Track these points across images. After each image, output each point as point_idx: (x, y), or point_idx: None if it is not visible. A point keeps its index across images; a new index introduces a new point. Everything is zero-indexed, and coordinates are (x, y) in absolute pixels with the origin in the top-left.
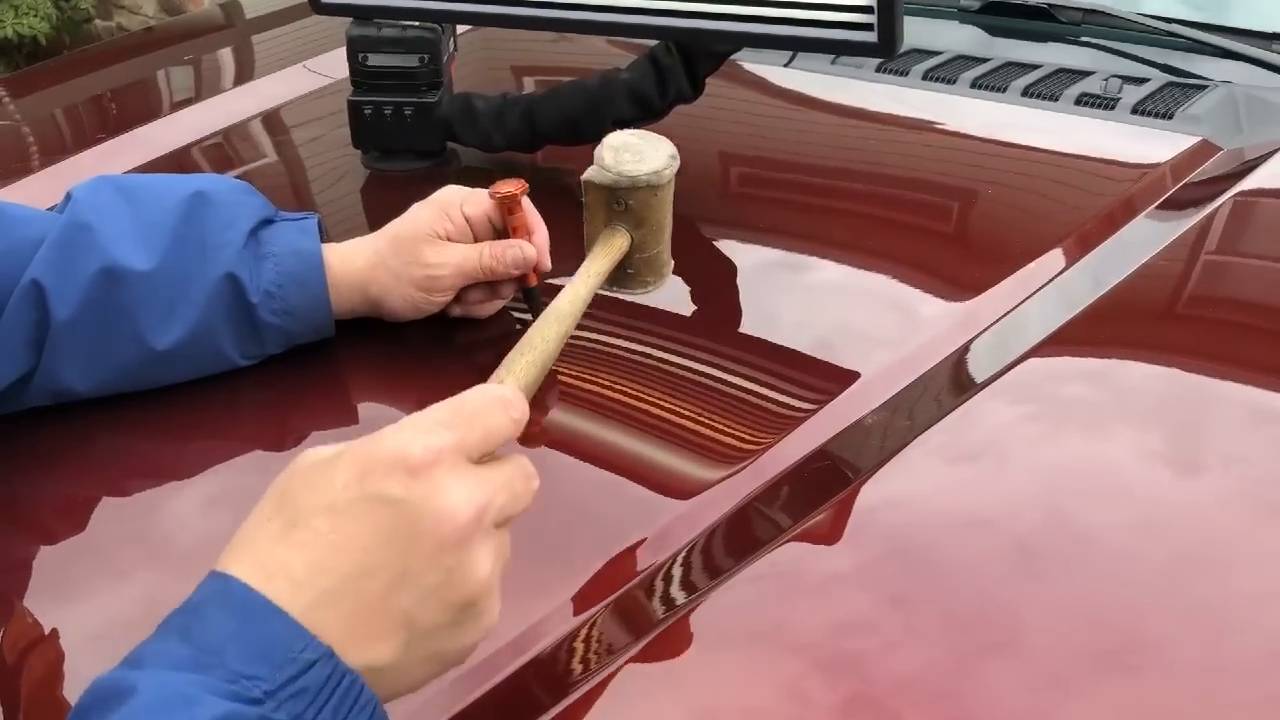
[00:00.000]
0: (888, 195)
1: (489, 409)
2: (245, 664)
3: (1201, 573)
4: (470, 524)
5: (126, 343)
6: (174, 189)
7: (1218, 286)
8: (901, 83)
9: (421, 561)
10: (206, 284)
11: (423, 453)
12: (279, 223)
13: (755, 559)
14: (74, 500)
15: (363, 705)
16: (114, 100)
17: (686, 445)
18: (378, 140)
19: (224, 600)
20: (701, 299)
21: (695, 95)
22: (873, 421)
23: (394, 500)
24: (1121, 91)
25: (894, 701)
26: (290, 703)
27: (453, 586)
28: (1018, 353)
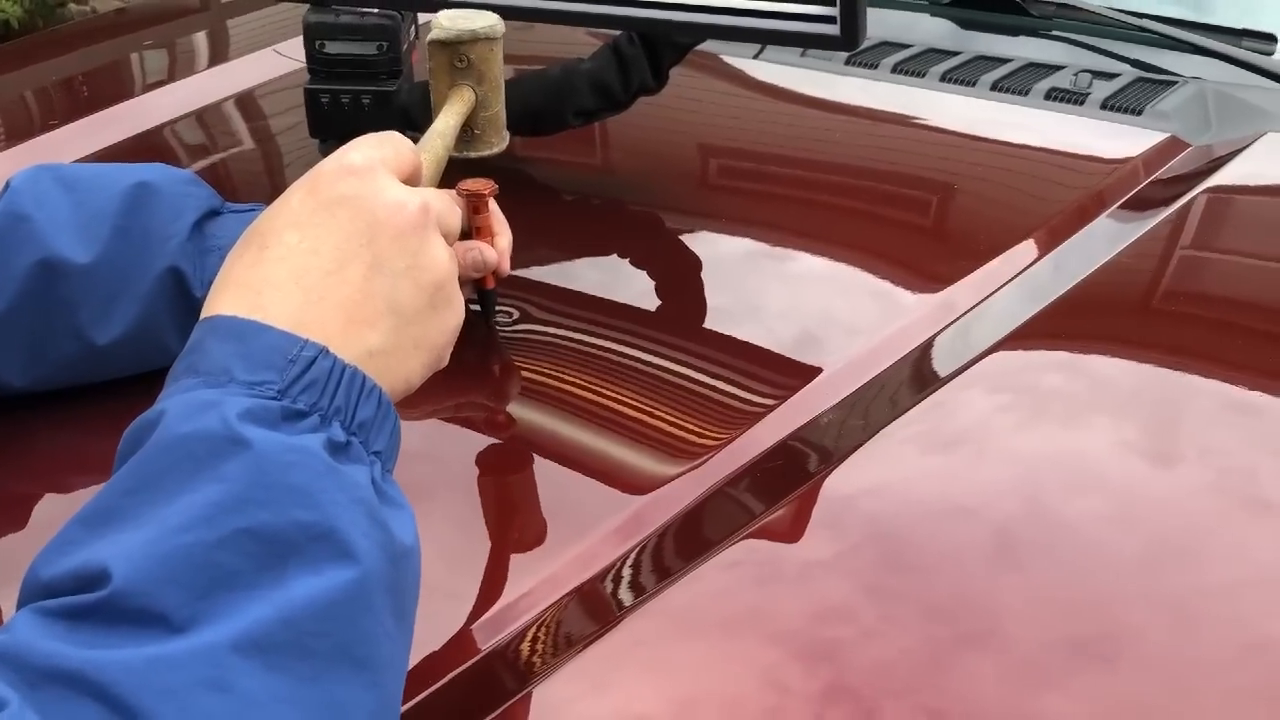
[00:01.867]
0: (855, 188)
1: (391, 137)
2: (254, 373)
3: (1176, 563)
4: (419, 213)
5: (66, 337)
6: (116, 179)
7: (1184, 282)
8: (871, 75)
9: (387, 246)
10: (149, 277)
11: (363, 159)
12: (225, 214)
13: (716, 552)
14: (15, 497)
15: (369, 392)
16: (71, 84)
17: (648, 439)
18: (335, 129)
19: (217, 332)
20: (665, 292)
21: (659, 86)
22: (831, 417)
23: (348, 197)
24: (1091, 86)
25: (865, 690)
26: (303, 396)
27: (421, 269)
28: (984, 346)
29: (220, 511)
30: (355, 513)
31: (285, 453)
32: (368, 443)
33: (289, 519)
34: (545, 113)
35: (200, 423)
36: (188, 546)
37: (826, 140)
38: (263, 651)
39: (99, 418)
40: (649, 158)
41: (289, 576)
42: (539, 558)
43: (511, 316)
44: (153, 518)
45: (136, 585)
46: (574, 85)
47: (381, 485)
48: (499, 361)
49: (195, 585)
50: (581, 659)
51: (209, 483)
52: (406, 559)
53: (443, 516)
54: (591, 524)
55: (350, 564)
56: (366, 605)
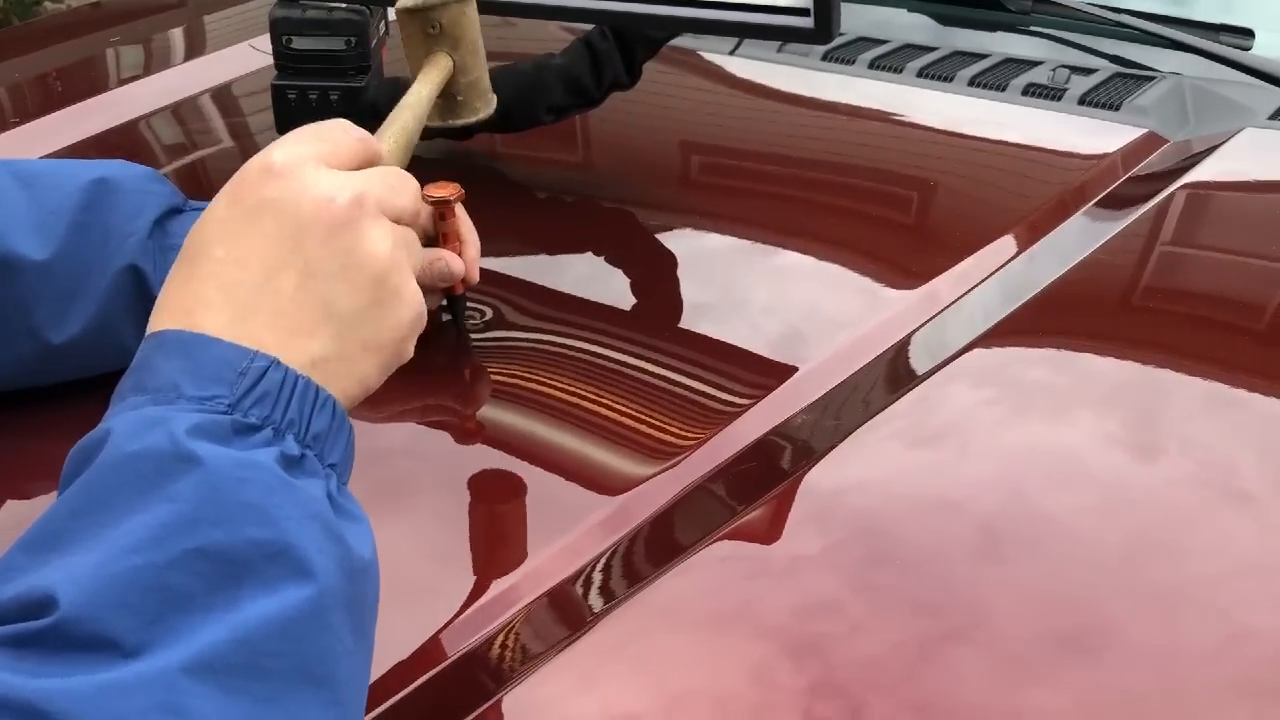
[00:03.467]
0: (832, 185)
1: (328, 126)
2: (203, 388)
3: (1159, 556)
4: (350, 206)
5: (20, 336)
6: (75, 175)
7: (1163, 278)
8: (848, 71)
9: (318, 248)
10: (107, 275)
11: (282, 158)
12: (188, 212)
13: (694, 550)
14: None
15: (322, 403)
16: (44, 79)
17: (625, 439)
18: (302, 125)
19: (163, 349)
20: (641, 290)
21: (632, 82)
22: (808, 415)
23: (271, 201)
24: (1069, 82)
25: (851, 685)
26: (255, 409)
27: (357, 266)
28: (963, 342)
29: (170, 532)
30: (311, 528)
31: (237, 469)
32: (323, 455)
33: (242, 537)
34: (516, 109)
35: (148, 440)
36: (137, 569)
37: (803, 137)
38: (217, 674)
39: (56, 421)
40: (624, 155)
41: (243, 596)
42: (516, 556)
43: (484, 316)
44: (100, 540)
45: (85, 610)
46: (546, 81)
47: (337, 498)
48: (472, 363)
49: (146, 608)
50: (564, 656)
51: (158, 502)
52: (364, 573)
53: (419, 517)
54: (569, 522)
55: (306, 581)
56: (324, 623)
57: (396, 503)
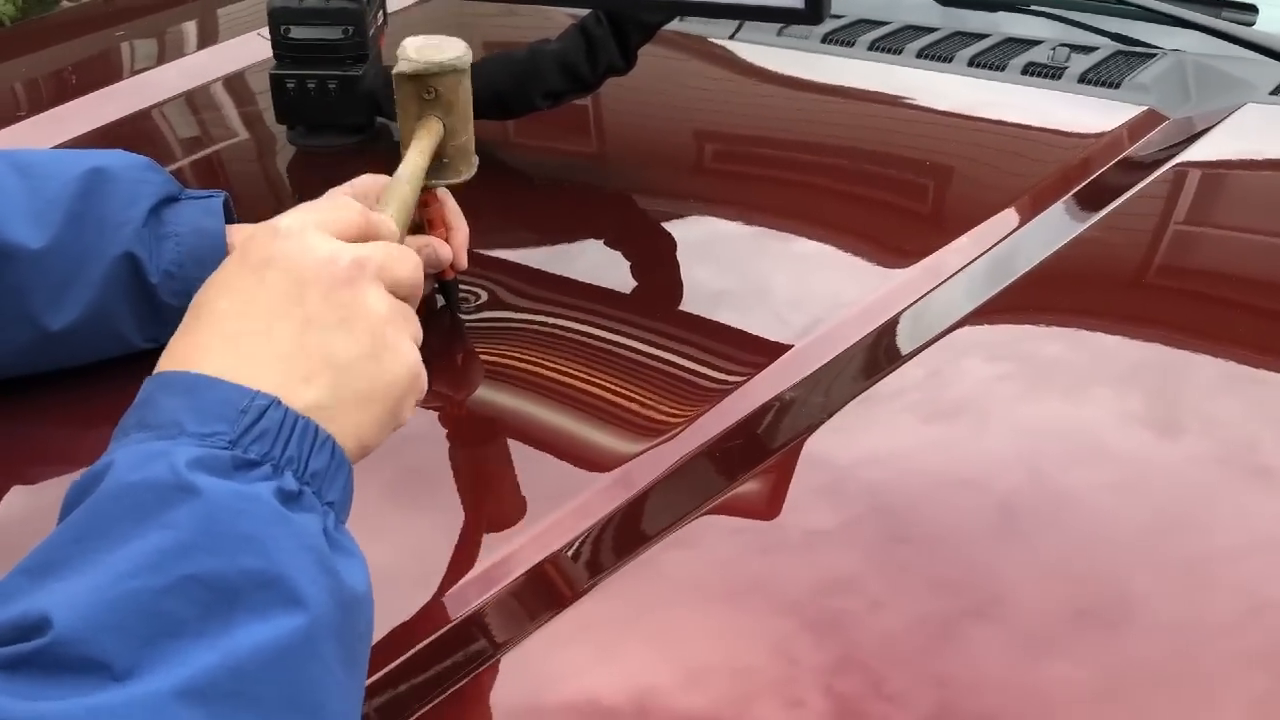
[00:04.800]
0: (831, 166)
1: (333, 198)
2: (204, 425)
3: (1178, 530)
4: (351, 267)
5: (17, 323)
6: (71, 164)
7: (1161, 254)
8: (848, 53)
9: (318, 304)
10: (103, 263)
11: (287, 223)
12: (183, 201)
13: (685, 522)
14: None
15: (322, 443)
16: (59, 73)
17: (616, 416)
18: (302, 115)
19: (166, 387)
20: (636, 270)
21: (628, 67)
22: (800, 392)
23: (274, 259)
24: (1069, 60)
25: (866, 659)
26: (255, 445)
27: (355, 320)
28: (954, 318)
29: (167, 558)
30: (304, 559)
31: (235, 500)
32: (321, 493)
33: (236, 566)
34: (512, 95)
35: (149, 471)
36: (132, 593)
37: (803, 119)
38: (207, 700)
39: (54, 407)
40: (622, 139)
41: (235, 624)
42: (512, 527)
43: (478, 298)
44: (97, 565)
45: (78, 632)
46: (541, 67)
47: (334, 534)
48: (467, 345)
49: (139, 632)
50: (560, 621)
51: (156, 529)
52: (358, 607)
53: (418, 492)
54: (563, 496)
55: (298, 611)
56: (315, 653)
57: (396, 477)
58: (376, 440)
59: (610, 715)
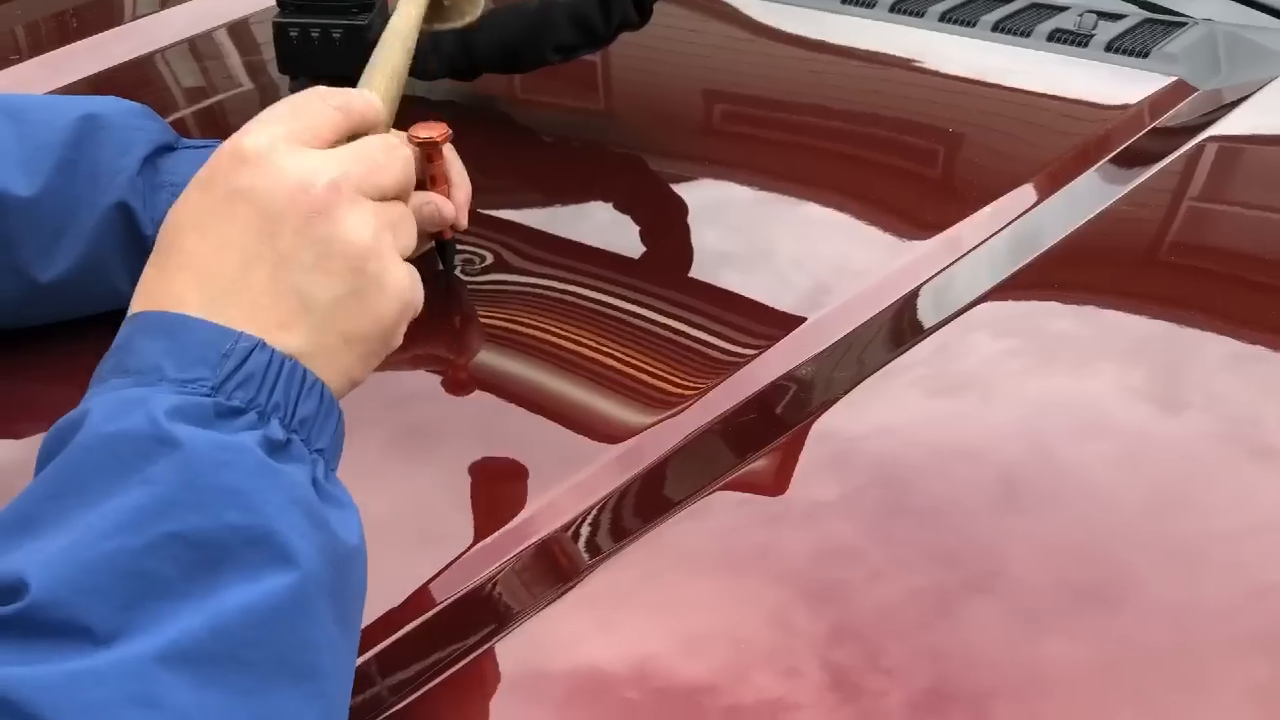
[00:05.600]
0: (848, 132)
1: (304, 100)
2: (185, 370)
3: (1180, 509)
4: (326, 193)
5: (7, 273)
6: (64, 110)
7: (1186, 231)
8: (868, 15)
9: (292, 239)
10: (95, 213)
11: (253, 144)
12: (180, 150)
13: (698, 496)
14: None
15: (310, 387)
16: (61, 17)
17: (626, 386)
18: (305, 65)
19: (146, 330)
20: (648, 236)
21: (642, 22)
22: (815, 366)
23: (242, 191)
24: (1096, 28)
25: (866, 630)
26: (239, 392)
27: (333, 255)
28: (975, 294)
29: (147, 516)
30: (293, 514)
31: (217, 451)
32: (309, 440)
33: (221, 522)
34: (522, 49)
35: (126, 422)
36: (112, 553)
37: (820, 82)
38: (193, 664)
39: (45, 363)
40: (632, 97)
41: (222, 583)
42: (518, 499)
43: (482, 260)
44: (74, 523)
45: (56, 595)
46: (553, 20)
47: (324, 484)
48: (468, 309)
49: (120, 594)
50: (569, 597)
51: (135, 485)
52: (350, 561)
53: (418, 462)
54: (572, 467)
55: (288, 568)
56: (306, 611)
57: (395, 448)
58: (365, 374)
59: (618, 690)
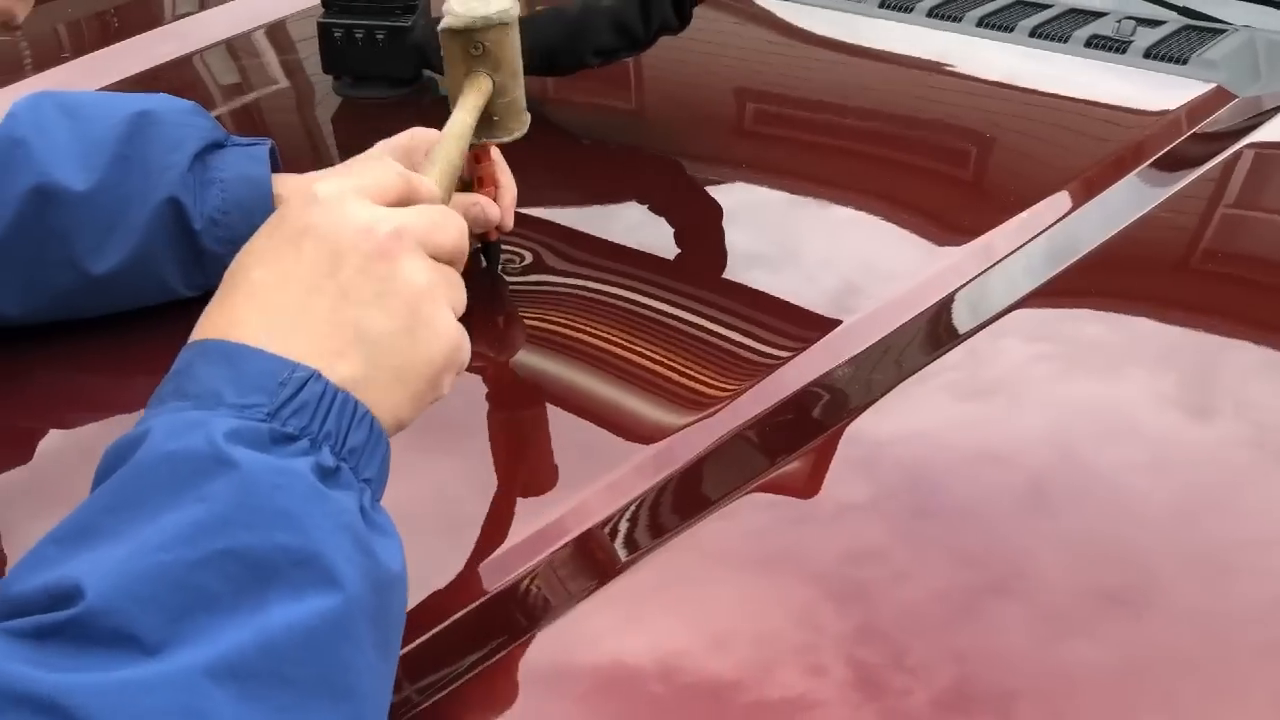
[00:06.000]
0: (884, 136)
1: (373, 160)
2: (243, 396)
3: (1209, 514)
4: (389, 239)
5: (60, 266)
6: (118, 107)
7: (1224, 240)
8: (904, 19)
9: (354, 276)
10: (147, 208)
11: (323, 190)
12: (229, 147)
13: (732, 497)
14: (13, 431)
15: (360, 418)
16: (102, 16)
17: (663, 386)
18: (348, 65)
19: (206, 356)
20: (684, 238)
21: (681, 26)
22: (850, 369)
23: (311, 228)
24: (1134, 34)
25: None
26: (293, 419)
27: (392, 294)
28: (1010, 300)
29: (202, 531)
30: (341, 539)
31: (272, 475)
32: (358, 469)
33: (272, 542)
34: (562, 52)
35: (186, 441)
36: (166, 565)
37: (856, 86)
38: (239, 679)
39: (95, 352)
40: (670, 100)
41: (269, 601)
42: (555, 497)
43: (522, 259)
44: (131, 535)
45: (110, 603)
46: (593, 23)
47: (370, 512)
48: (509, 308)
49: (171, 606)
50: (602, 594)
51: (192, 502)
52: (392, 588)
53: (457, 459)
54: (608, 465)
55: (333, 591)
56: (348, 634)
57: (434, 444)
58: (412, 415)
59: (651, 686)
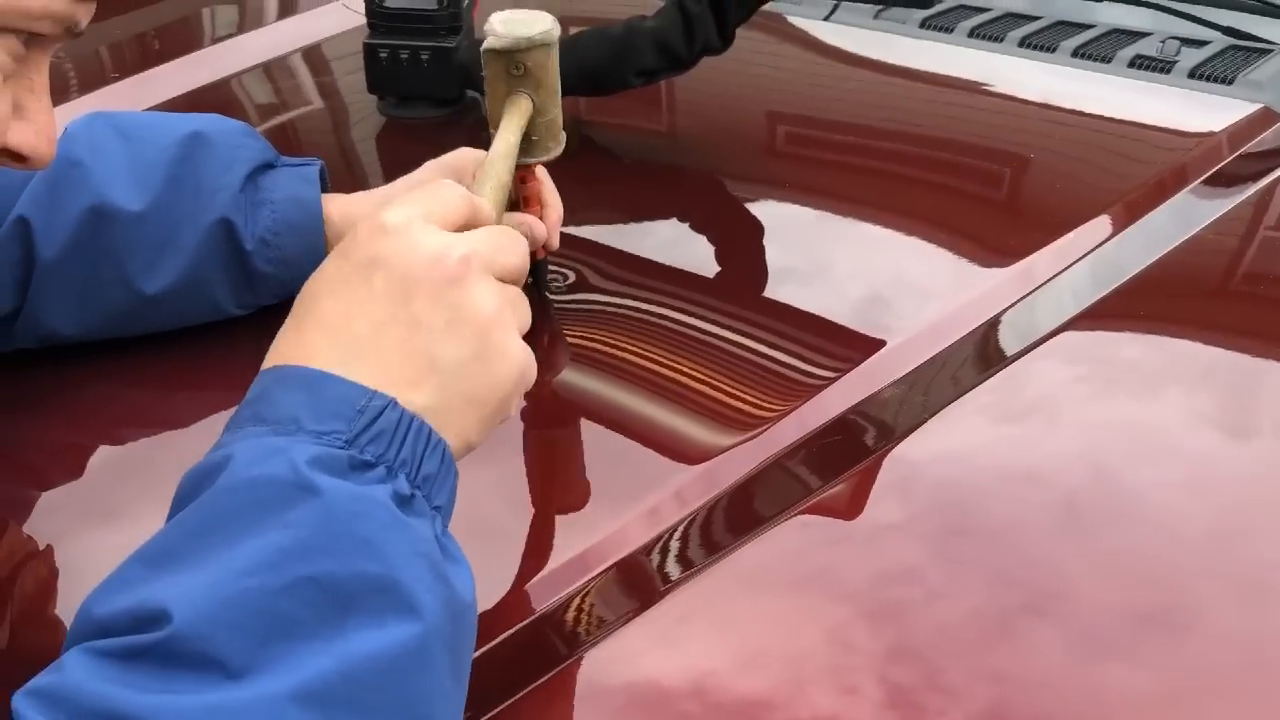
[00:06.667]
0: (926, 157)
1: (437, 186)
2: (321, 423)
3: (1249, 536)
4: (458, 265)
5: (114, 286)
6: (171, 128)
7: (1272, 261)
8: (946, 40)
9: (425, 304)
10: (199, 228)
11: (392, 219)
12: (280, 168)
13: (779, 520)
14: (63, 445)
15: (434, 446)
16: (142, 38)
17: (706, 408)
18: (393, 86)
19: (283, 382)
20: (727, 258)
21: (724, 47)
22: (895, 391)
23: (381, 258)
24: (1179, 54)
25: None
26: (371, 446)
27: (462, 321)
28: (1056, 323)
29: (285, 558)
30: (419, 567)
31: (353, 502)
32: (430, 497)
33: (354, 570)
34: (606, 72)
35: (269, 468)
36: (251, 591)
37: (899, 106)
38: (322, 705)
39: (146, 370)
40: (713, 121)
41: (350, 628)
42: (597, 520)
43: (567, 280)
44: (216, 560)
45: (196, 628)
46: (636, 44)
47: (442, 540)
48: (554, 326)
49: (256, 631)
50: (645, 617)
51: (275, 528)
52: (464, 616)
53: (501, 479)
54: (651, 488)
55: (413, 619)
56: (427, 662)
57: (479, 465)
58: (481, 438)
59: (694, 710)
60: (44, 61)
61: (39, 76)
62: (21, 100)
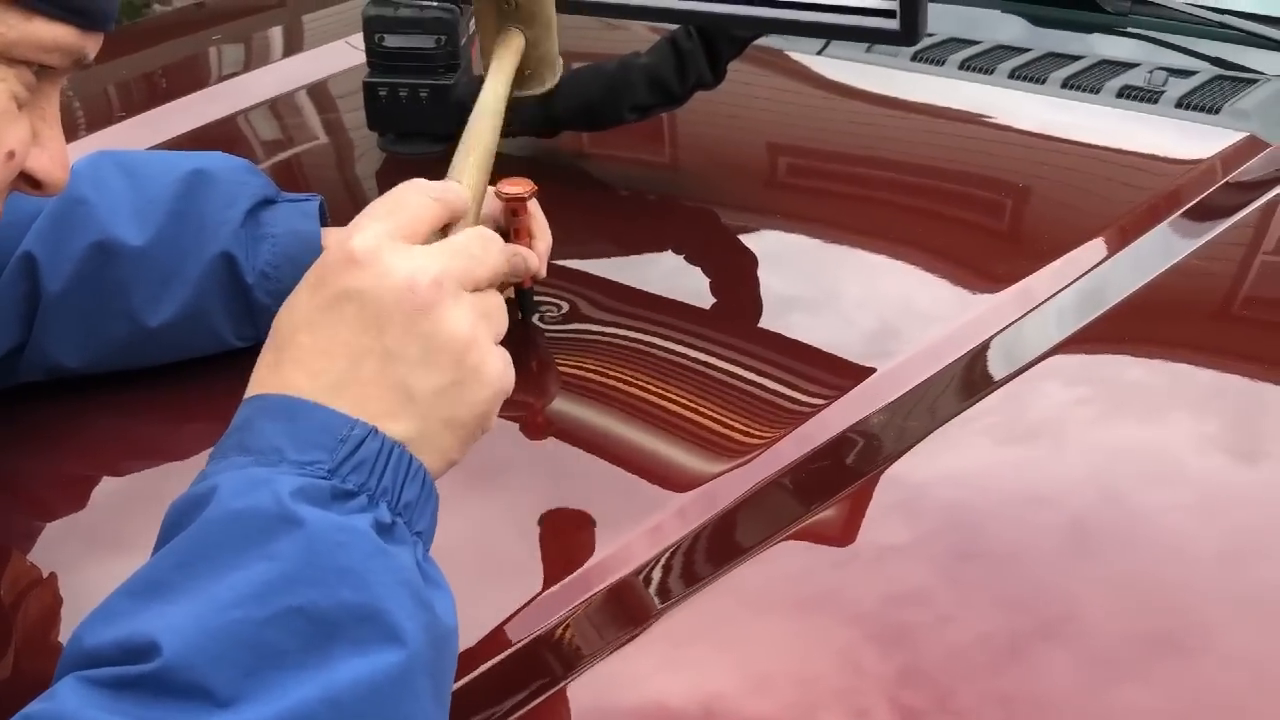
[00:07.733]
0: (919, 187)
1: (405, 194)
2: (304, 453)
3: (1253, 558)
4: (429, 291)
5: (118, 319)
6: (174, 165)
7: (1258, 288)
8: (937, 72)
9: (398, 337)
10: (201, 262)
11: (360, 244)
12: (280, 203)
13: (767, 544)
14: (67, 477)
15: (414, 473)
16: (150, 77)
17: (698, 434)
18: (393, 123)
19: (266, 412)
20: (719, 287)
21: (716, 82)
22: (885, 416)
23: (352, 292)
24: (1166, 84)
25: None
26: (353, 476)
27: (437, 349)
28: (1044, 347)
29: (271, 589)
30: (401, 595)
31: (336, 532)
32: (411, 523)
33: (337, 599)
34: (601, 108)
35: (253, 499)
36: (237, 623)
37: (891, 138)
38: None
39: (149, 402)
40: (706, 154)
41: (335, 657)
42: (590, 544)
43: (559, 309)
44: (203, 592)
45: (186, 659)
46: (630, 80)
47: (424, 565)
48: (544, 355)
49: (243, 662)
50: (638, 641)
51: (260, 560)
52: (446, 641)
53: (493, 507)
54: (644, 513)
55: (396, 646)
56: (410, 688)
57: (471, 491)
58: (461, 455)
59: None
60: (54, 93)
61: (50, 107)
62: (36, 128)
